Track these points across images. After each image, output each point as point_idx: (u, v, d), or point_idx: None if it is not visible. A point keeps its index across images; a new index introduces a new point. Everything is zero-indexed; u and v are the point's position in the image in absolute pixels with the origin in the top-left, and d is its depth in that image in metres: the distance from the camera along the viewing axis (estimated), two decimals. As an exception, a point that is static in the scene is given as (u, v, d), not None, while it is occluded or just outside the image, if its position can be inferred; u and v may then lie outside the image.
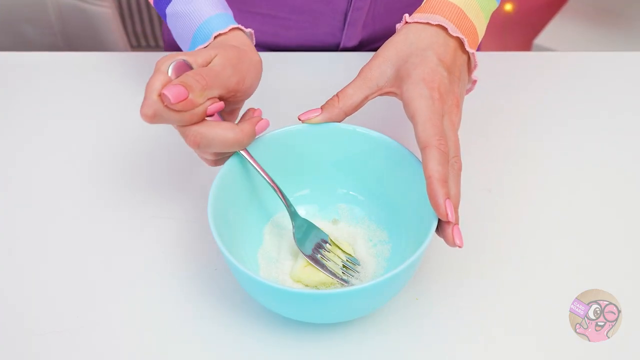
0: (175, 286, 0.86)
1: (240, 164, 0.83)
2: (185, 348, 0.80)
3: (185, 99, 0.74)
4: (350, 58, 1.15)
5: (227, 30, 0.85)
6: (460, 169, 0.77)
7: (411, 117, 0.77)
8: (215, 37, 0.85)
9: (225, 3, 0.90)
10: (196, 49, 0.84)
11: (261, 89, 0.87)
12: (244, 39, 0.85)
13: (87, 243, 0.90)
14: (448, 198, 0.73)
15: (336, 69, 1.12)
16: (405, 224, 0.84)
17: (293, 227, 0.83)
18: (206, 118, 0.78)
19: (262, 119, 0.82)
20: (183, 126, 0.77)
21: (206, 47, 0.83)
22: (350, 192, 0.90)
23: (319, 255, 0.83)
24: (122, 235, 0.91)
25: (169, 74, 0.76)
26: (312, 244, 0.84)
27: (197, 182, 0.96)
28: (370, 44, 1.22)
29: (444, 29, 0.81)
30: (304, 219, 0.85)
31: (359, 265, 0.84)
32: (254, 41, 0.89)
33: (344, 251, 0.84)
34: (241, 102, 0.85)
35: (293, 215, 0.84)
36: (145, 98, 0.75)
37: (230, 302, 0.84)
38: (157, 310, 0.84)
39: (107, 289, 0.86)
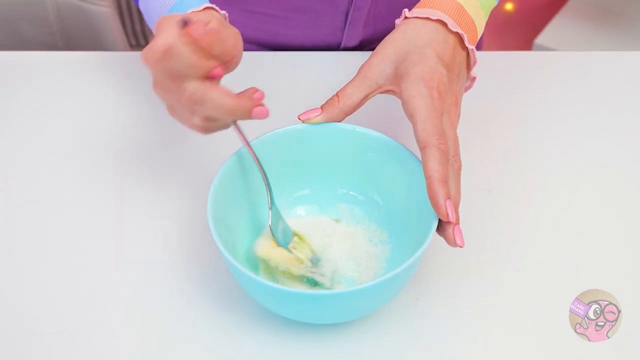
0: (175, 286, 0.86)
1: (239, 164, 0.83)
2: (185, 348, 0.80)
3: (210, 33, 0.72)
4: (350, 58, 1.15)
5: (201, 8, 0.82)
6: (460, 168, 0.77)
7: (410, 116, 0.77)
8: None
9: None
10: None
11: (259, 87, 0.87)
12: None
13: (87, 243, 0.90)
14: (448, 198, 0.73)
15: (337, 69, 1.12)
16: (405, 224, 0.84)
17: (270, 213, 0.83)
18: None
19: (262, 105, 0.78)
20: (182, 80, 0.74)
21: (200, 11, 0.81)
22: (350, 192, 0.90)
23: (290, 245, 0.84)
24: (121, 236, 0.91)
25: (184, 13, 0.75)
26: (284, 235, 0.84)
27: (196, 182, 0.96)
28: (371, 43, 1.22)
29: (444, 24, 0.81)
30: (277, 210, 0.85)
31: (319, 262, 0.85)
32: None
33: (309, 247, 0.86)
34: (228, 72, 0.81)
35: (272, 203, 0.84)
36: (159, 34, 0.72)
37: (230, 302, 0.84)
38: (157, 310, 0.84)
39: (106, 289, 0.86)
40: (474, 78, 0.86)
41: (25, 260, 0.88)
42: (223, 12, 0.85)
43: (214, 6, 0.84)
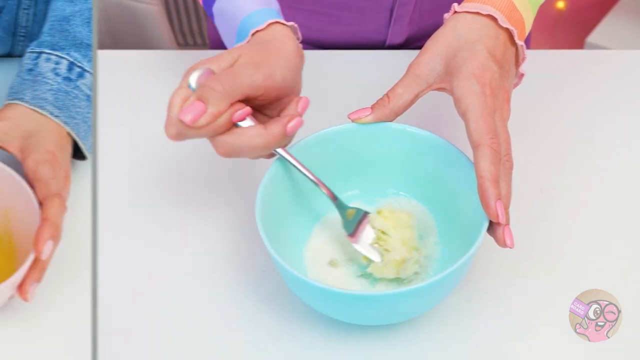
0: (222, 288, 0.86)
1: (287, 163, 0.82)
2: (232, 349, 0.81)
3: (204, 113, 0.73)
4: (397, 56, 1.14)
5: (264, 26, 0.82)
6: (511, 168, 0.76)
7: (462, 114, 0.76)
8: (253, 34, 0.82)
9: None
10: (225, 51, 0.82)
11: (307, 87, 0.86)
12: (282, 32, 0.83)
13: (135, 243, 0.91)
14: (499, 199, 0.73)
15: (383, 67, 1.11)
16: (455, 225, 0.83)
17: (342, 220, 0.83)
18: (238, 124, 0.76)
19: (294, 117, 0.78)
20: (210, 139, 0.76)
21: (235, 48, 0.82)
22: (401, 193, 0.89)
23: (373, 244, 0.82)
24: (170, 237, 0.91)
25: (194, 85, 0.75)
26: (365, 233, 0.83)
27: (245, 182, 0.95)
28: (417, 41, 1.20)
29: (494, 19, 0.80)
30: (353, 207, 0.84)
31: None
32: (299, 35, 0.87)
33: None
34: (283, 99, 0.81)
35: (340, 207, 0.83)
36: (167, 117, 0.75)
37: (278, 303, 0.84)
38: (204, 312, 0.84)
39: (154, 289, 0.86)
40: (522, 75, 0.85)
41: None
42: (290, 23, 0.85)
43: (280, 20, 0.84)
